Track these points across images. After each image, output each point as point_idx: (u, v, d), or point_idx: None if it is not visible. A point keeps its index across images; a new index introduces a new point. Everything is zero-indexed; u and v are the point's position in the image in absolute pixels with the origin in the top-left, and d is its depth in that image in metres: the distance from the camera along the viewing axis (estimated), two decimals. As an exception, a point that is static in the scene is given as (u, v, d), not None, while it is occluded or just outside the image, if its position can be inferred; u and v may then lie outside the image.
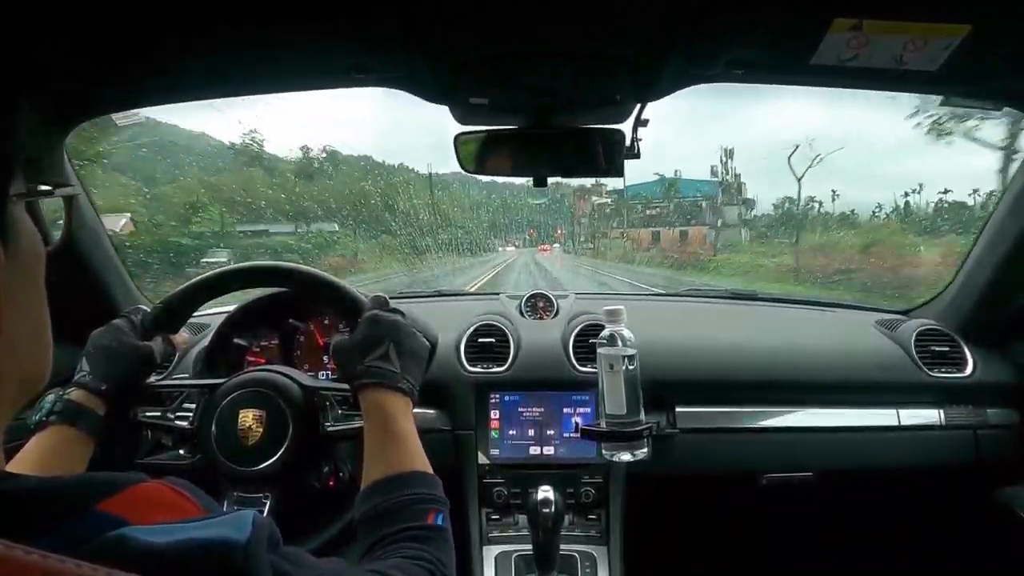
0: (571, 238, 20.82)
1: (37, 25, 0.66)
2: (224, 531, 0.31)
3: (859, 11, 0.69)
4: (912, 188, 12.78)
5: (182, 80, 0.92)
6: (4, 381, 0.35)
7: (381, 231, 13.57)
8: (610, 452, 0.95)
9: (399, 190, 16.31)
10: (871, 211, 12.31)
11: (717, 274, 12.42)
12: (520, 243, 21.60)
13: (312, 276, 0.88)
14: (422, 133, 33.87)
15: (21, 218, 0.37)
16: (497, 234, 20.55)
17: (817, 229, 12.95)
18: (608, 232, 20.40)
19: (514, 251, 20.58)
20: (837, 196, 13.98)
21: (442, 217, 16.17)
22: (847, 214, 12.92)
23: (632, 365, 0.92)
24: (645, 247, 17.73)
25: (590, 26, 0.75)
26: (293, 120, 29.12)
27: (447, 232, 14.93)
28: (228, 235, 9.24)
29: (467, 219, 18.81)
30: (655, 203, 18.79)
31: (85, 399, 0.76)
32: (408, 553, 0.56)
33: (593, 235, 20.92)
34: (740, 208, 16.31)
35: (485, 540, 1.14)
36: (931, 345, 1.28)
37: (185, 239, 7.78)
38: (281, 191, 12.21)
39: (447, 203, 17.93)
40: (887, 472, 1.25)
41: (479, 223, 18.97)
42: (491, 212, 20.57)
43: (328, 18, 0.71)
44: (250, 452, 0.81)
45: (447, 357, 1.22)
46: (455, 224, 16.25)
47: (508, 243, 21.42)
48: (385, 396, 0.70)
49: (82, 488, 0.31)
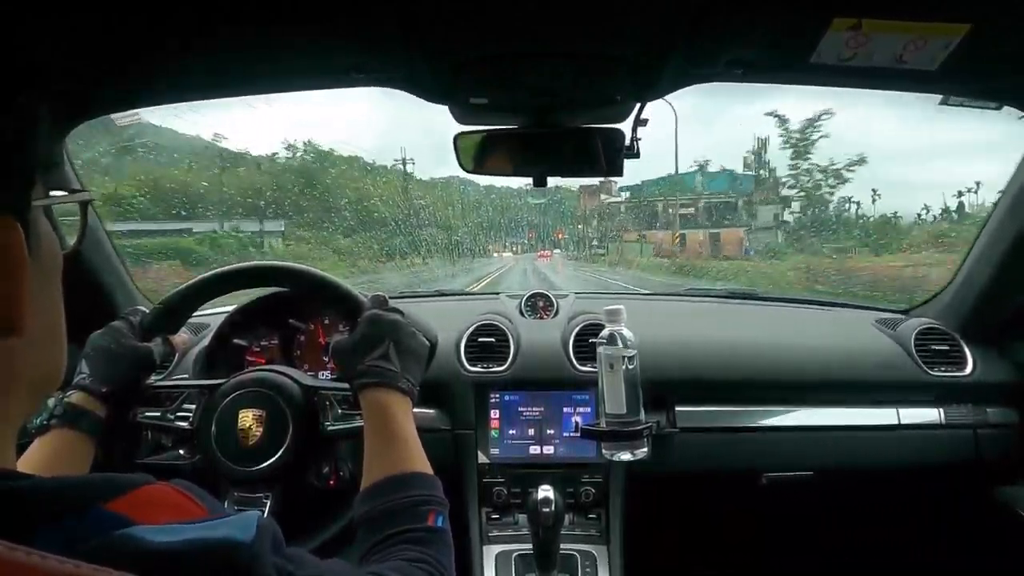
0: (578, 241, 18.92)
1: (37, 25, 0.66)
2: (229, 532, 0.32)
3: (859, 10, 0.69)
4: (967, 187, 11.07)
5: (182, 80, 0.92)
6: (21, 381, 0.35)
7: (336, 231, 12.02)
8: (610, 451, 0.95)
9: (374, 186, 14.74)
10: (916, 213, 10.48)
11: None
12: (518, 248, 19.78)
13: (312, 276, 0.88)
14: (414, 131, 32.50)
15: (42, 222, 0.37)
16: (493, 237, 18.65)
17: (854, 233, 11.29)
18: (624, 233, 18.12)
19: (511, 257, 18.87)
20: (878, 197, 12.13)
21: (422, 216, 14.19)
22: (889, 217, 11.06)
23: (632, 364, 0.92)
24: (668, 251, 15.18)
25: (590, 26, 0.75)
26: (273, 115, 27.13)
27: (428, 233, 12.82)
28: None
29: (456, 219, 16.99)
30: (684, 197, 16.11)
31: (86, 401, 0.76)
32: (408, 555, 0.56)
33: (602, 237, 18.67)
34: (777, 208, 13.68)
35: (485, 539, 1.14)
36: (931, 344, 1.28)
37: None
38: (230, 186, 10.82)
39: (435, 201, 16.08)
40: (887, 471, 1.25)
41: (470, 224, 17.10)
42: (487, 213, 18.38)
43: (328, 18, 0.71)
44: (250, 452, 0.81)
45: (447, 356, 1.23)
46: (440, 225, 14.20)
47: (505, 248, 19.51)
48: (385, 396, 0.70)
49: (88, 488, 0.31)
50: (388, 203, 14.32)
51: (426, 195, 17.03)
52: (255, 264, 0.92)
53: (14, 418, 0.36)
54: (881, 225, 10.92)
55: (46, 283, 0.38)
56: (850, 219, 12.00)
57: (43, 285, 0.37)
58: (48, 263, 0.38)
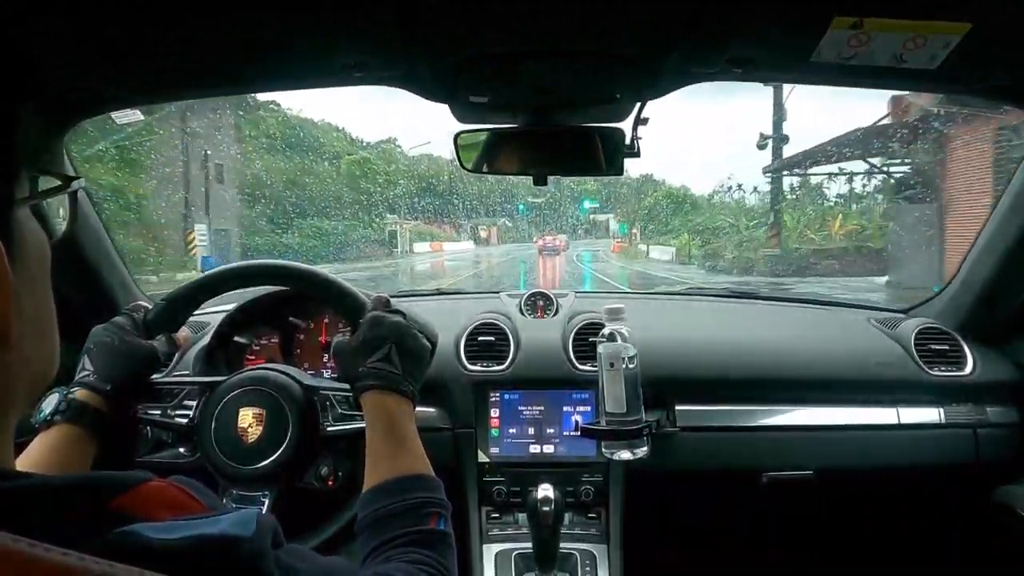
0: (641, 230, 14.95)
1: (37, 25, 0.66)
2: (230, 528, 0.32)
3: (859, 9, 0.68)
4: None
5: (181, 78, 0.92)
6: (13, 386, 0.35)
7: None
8: (610, 450, 0.95)
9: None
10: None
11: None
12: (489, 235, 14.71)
13: (313, 276, 0.88)
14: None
15: (26, 221, 0.37)
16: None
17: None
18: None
19: (473, 252, 13.71)
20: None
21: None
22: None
23: (632, 363, 0.92)
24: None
25: (590, 24, 0.74)
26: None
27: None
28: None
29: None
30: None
31: (89, 398, 0.76)
32: (411, 557, 0.56)
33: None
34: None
35: (485, 538, 1.14)
36: (931, 343, 1.28)
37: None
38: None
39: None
40: (887, 471, 1.25)
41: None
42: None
43: (328, 17, 0.71)
44: (249, 451, 0.81)
45: (447, 355, 1.22)
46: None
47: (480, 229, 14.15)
48: (387, 399, 0.70)
49: (91, 486, 0.32)
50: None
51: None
52: (257, 263, 0.92)
53: (9, 421, 0.36)
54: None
55: (34, 287, 0.37)
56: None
57: (30, 286, 0.36)
58: (34, 263, 0.37)
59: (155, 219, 9.09)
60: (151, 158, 9.40)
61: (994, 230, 1.20)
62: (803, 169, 11.84)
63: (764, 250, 11.35)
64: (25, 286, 0.35)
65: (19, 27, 0.61)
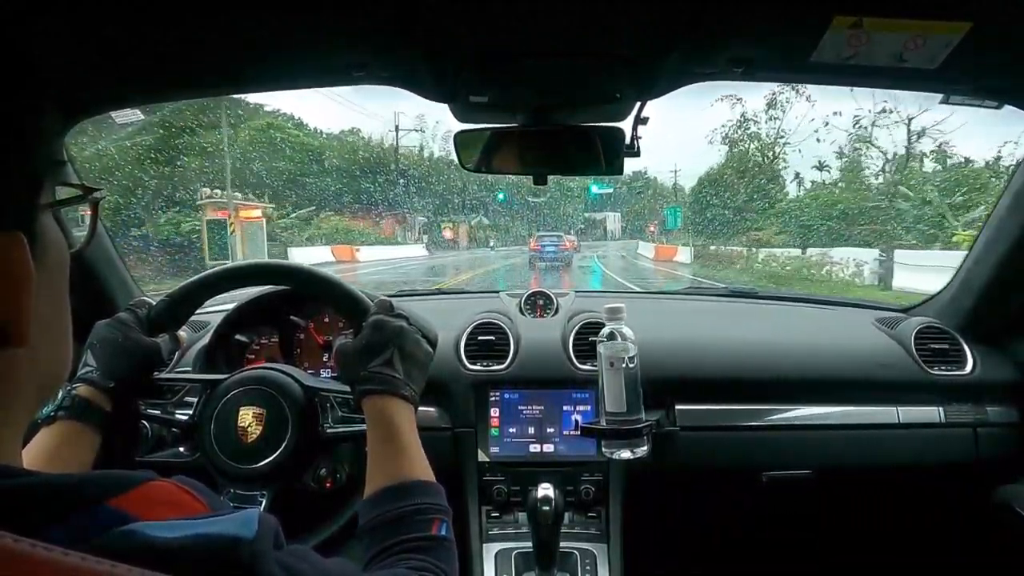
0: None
1: (37, 25, 0.66)
2: (231, 527, 0.32)
3: (859, 9, 0.68)
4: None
5: (181, 78, 0.92)
6: (25, 385, 0.35)
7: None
8: (610, 450, 0.95)
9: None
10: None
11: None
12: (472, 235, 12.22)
13: (315, 276, 0.88)
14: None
15: (50, 226, 0.37)
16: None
17: None
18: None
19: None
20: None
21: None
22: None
23: (632, 363, 0.92)
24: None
25: (590, 24, 0.74)
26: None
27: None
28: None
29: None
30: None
31: (92, 395, 0.75)
32: (413, 563, 0.56)
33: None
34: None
35: (485, 538, 1.14)
36: (931, 343, 1.28)
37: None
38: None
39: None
40: (887, 470, 1.25)
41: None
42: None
43: (328, 17, 0.71)
44: (248, 450, 0.81)
45: (447, 355, 1.23)
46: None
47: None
48: (389, 403, 0.70)
49: (92, 485, 0.32)
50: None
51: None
52: (259, 262, 0.92)
53: (20, 420, 0.36)
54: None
55: (52, 287, 0.37)
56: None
57: (49, 290, 0.37)
58: (55, 267, 0.38)
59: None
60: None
61: (994, 230, 1.20)
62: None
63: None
64: (43, 289, 0.35)
65: (19, 27, 0.61)
